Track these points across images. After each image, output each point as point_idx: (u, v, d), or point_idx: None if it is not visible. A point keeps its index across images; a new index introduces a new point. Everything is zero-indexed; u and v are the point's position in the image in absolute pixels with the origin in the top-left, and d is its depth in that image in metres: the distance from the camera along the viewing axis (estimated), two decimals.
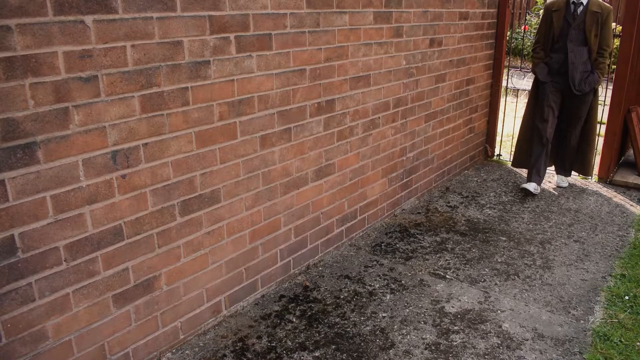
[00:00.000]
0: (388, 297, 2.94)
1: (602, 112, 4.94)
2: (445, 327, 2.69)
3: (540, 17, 4.41)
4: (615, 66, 4.60)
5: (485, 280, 3.12)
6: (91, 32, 1.88)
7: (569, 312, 2.82)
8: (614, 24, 9.06)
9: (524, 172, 5.05)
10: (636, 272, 3.21)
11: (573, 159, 4.59)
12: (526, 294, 2.98)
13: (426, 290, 3.02)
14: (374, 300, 2.92)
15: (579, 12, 4.11)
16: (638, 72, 4.87)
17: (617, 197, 4.45)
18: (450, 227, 3.86)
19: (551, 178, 4.90)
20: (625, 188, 4.66)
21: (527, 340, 2.60)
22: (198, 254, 2.50)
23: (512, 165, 4.88)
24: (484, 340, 2.60)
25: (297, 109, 2.86)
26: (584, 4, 4.10)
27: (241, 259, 2.75)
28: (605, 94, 4.85)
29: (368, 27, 3.25)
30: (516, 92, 6.88)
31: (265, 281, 2.94)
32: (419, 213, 4.10)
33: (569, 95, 4.28)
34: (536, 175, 4.50)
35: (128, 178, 2.12)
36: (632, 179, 4.72)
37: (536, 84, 4.48)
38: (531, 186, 4.43)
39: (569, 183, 4.77)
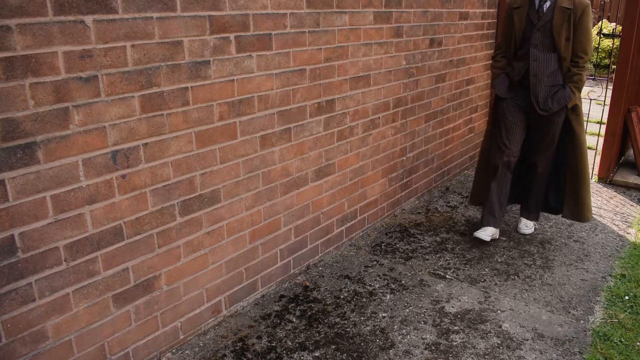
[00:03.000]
0: (388, 297, 2.94)
1: (602, 112, 4.94)
2: (445, 327, 2.69)
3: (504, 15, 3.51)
4: (615, 66, 4.60)
5: (485, 280, 3.12)
6: (91, 32, 1.88)
7: (569, 312, 2.82)
8: (613, 24, 8.90)
9: None
10: (636, 272, 3.21)
11: (538, 197, 3.66)
12: (526, 294, 2.98)
13: (426, 290, 3.02)
14: (374, 300, 2.92)
15: (545, 8, 3.19)
16: (638, 72, 4.87)
17: (617, 197, 4.45)
18: (450, 227, 3.86)
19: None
20: (625, 188, 4.66)
21: (527, 340, 2.60)
22: (198, 254, 2.50)
23: (470, 202, 3.91)
24: (484, 340, 2.60)
25: (297, 109, 2.86)
26: None
27: (241, 259, 2.75)
28: (605, 94, 4.84)
29: (368, 27, 3.25)
30: None
31: (265, 281, 2.94)
32: (419, 213, 4.09)
33: (534, 115, 3.35)
34: (489, 216, 3.53)
35: (128, 178, 2.12)
36: (632, 179, 4.72)
37: (496, 100, 3.55)
38: (486, 233, 3.48)
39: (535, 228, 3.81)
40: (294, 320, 2.73)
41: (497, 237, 3.63)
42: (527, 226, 3.73)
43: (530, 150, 3.51)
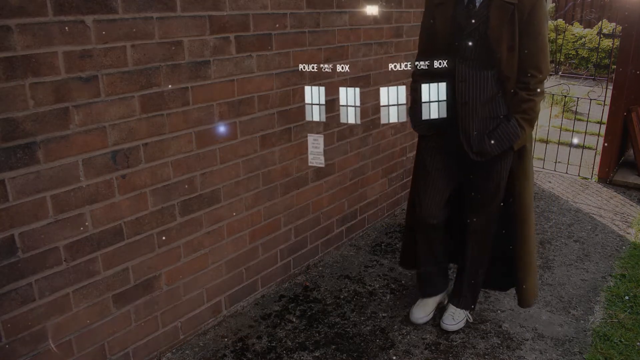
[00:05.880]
0: (388, 297, 2.94)
1: (602, 112, 4.94)
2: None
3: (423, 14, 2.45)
4: (615, 66, 4.60)
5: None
6: (91, 32, 1.88)
7: (569, 312, 2.82)
8: (613, 24, 8.79)
9: None
10: (636, 272, 3.21)
11: (473, 276, 2.61)
12: None
13: None
14: (374, 300, 2.92)
15: (477, 4, 2.19)
16: (638, 72, 4.86)
17: (617, 197, 4.45)
18: None
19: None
20: (625, 188, 4.66)
21: (527, 340, 2.60)
22: (198, 254, 2.50)
23: (401, 264, 2.95)
24: (484, 340, 2.60)
25: (297, 109, 2.86)
26: None
27: (241, 259, 2.75)
28: (605, 94, 4.84)
29: (368, 27, 3.25)
30: None
31: (265, 281, 2.94)
32: None
33: (467, 161, 2.33)
34: (428, 284, 2.69)
35: (128, 178, 2.12)
36: (632, 179, 4.73)
37: (418, 138, 2.56)
38: (424, 310, 2.67)
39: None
40: (294, 320, 2.73)
41: (445, 302, 2.74)
42: (453, 318, 2.64)
43: (466, 208, 2.49)
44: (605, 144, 4.67)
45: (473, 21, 2.19)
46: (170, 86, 2.19)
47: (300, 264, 3.17)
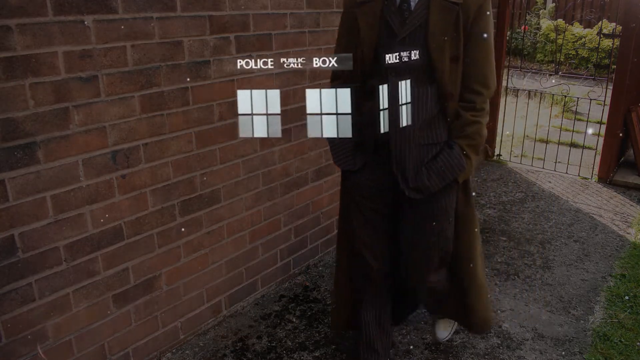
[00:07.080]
0: None
1: (602, 112, 4.94)
2: None
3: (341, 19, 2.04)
4: (615, 66, 4.60)
5: None
6: (91, 32, 1.88)
7: (569, 312, 2.83)
8: (613, 24, 8.71)
9: (525, 172, 5.03)
10: (636, 272, 3.21)
11: (441, 291, 2.28)
12: (526, 294, 2.98)
13: None
14: None
15: (412, 4, 1.80)
16: (638, 72, 4.86)
17: (617, 197, 4.45)
18: None
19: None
20: (625, 188, 4.66)
21: (527, 340, 2.60)
22: (198, 254, 2.50)
23: (332, 328, 2.55)
24: (484, 340, 2.60)
25: (297, 108, 2.86)
26: None
27: (241, 259, 2.75)
28: (605, 94, 4.84)
29: None
30: (516, 92, 6.91)
31: (265, 281, 2.94)
32: None
33: (405, 198, 1.92)
34: (369, 351, 2.20)
35: (128, 178, 2.12)
36: (632, 179, 4.72)
37: (342, 174, 2.10)
38: None
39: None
40: (294, 320, 2.73)
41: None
42: (444, 328, 2.56)
43: (405, 253, 2.11)
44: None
45: (409, 25, 1.80)
46: (170, 86, 2.19)
47: (300, 264, 3.17)
